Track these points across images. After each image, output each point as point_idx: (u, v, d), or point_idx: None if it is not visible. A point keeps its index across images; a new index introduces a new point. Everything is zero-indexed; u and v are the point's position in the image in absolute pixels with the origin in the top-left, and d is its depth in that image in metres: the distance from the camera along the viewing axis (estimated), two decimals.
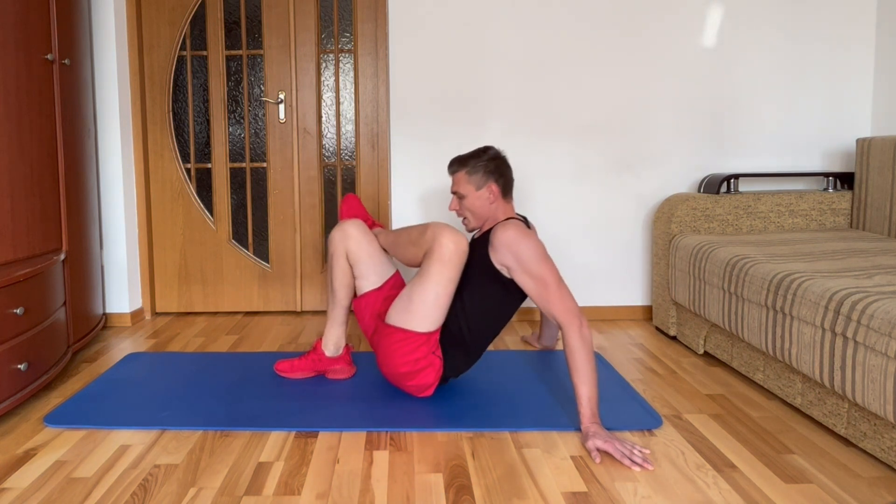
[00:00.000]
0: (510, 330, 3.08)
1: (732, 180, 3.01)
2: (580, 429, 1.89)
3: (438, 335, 2.11)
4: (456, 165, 2.27)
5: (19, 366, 2.05)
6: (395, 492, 1.64)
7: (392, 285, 2.29)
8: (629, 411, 2.08)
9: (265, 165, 3.35)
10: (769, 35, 3.15)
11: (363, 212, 2.41)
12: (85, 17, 2.76)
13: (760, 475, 1.71)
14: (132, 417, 2.05)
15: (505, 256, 2.07)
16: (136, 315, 3.24)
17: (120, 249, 3.14)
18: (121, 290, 3.16)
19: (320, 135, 3.33)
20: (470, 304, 2.13)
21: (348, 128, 3.33)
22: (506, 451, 1.85)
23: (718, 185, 2.97)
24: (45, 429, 2.01)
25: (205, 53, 3.29)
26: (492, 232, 2.11)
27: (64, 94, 2.51)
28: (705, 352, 2.68)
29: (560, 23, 3.13)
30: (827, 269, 2.08)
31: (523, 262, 2.04)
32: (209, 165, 3.36)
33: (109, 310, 3.17)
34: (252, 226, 3.39)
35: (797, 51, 3.16)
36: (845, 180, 3.05)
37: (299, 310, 3.41)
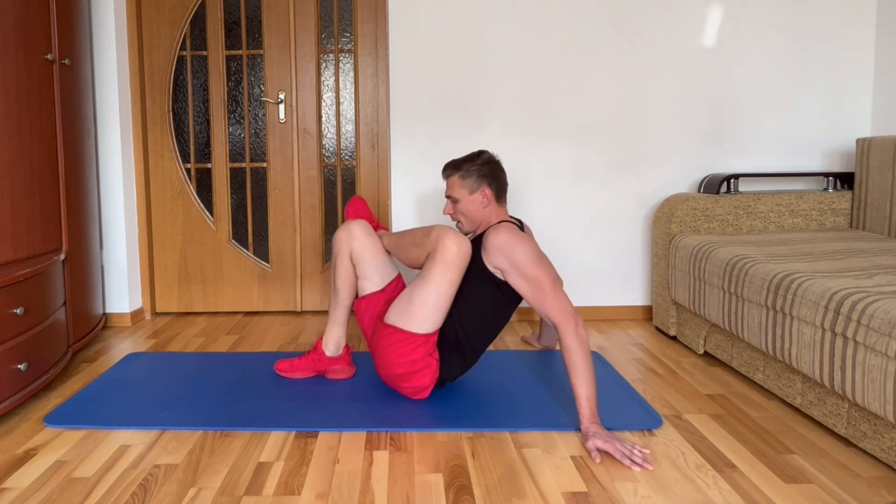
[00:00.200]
0: (510, 330, 3.08)
1: (732, 180, 3.01)
2: (580, 429, 1.89)
3: (436, 337, 2.11)
4: (450, 170, 2.27)
5: (19, 366, 2.05)
6: (395, 492, 1.64)
7: (394, 288, 2.29)
8: (629, 411, 2.08)
9: (265, 165, 3.35)
10: (769, 35, 3.15)
11: (368, 214, 2.42)
12: (85, 17, 2.76)
13: (760, 475, 1.71)
14: (132, 417, 2.05)
15: (498, 259, 2.07)
16: (136, 315, 3.24)
17: (120, 249, 3.14)
18: (121, 290, 3.16)
19: (320, 135, 3.33)
20: (465, 308, 2.14)
21: (348, 128, 3.33)
22: (506, 451, 1.85)
23: (718, 185, 2.97)
24: (45, 429, 2.01)
25: (205, 53, 3.29)
26: (484, 235, 2.12)
27: (64, 94, 2.51)
28: (705, 352, 2.68)
29: (560, 23, 3.13)
30: (827, 269, 2.08)
31: (517, 265, 2.04)
32: (209, 165, 3.36)
33: (109, 310, 3.17)
34: (252, 226, 3.39)
35: (797, 51, 3.16)
36: (845, 180, 3.05)
37: (299, 310, 3.41)
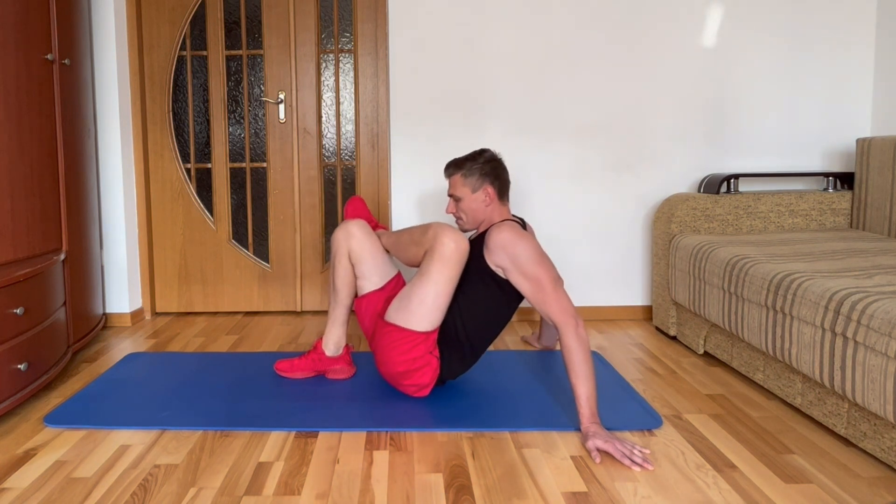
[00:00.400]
0: (510, 330, 3.08)
1: (732, 180, 3.01)
2: (580, 429, 1.89)
3: (436, 335, 2.11)
4: (452, 168, 2.28)
5: (19, 366, 2.05)
6: (395, 492, 1.64)
7: (394, 286, 2.29)
8: (629, 411, 2.08)
9: (265, 165, 3.35)
10: (769, 35, 3.15)
11: (367, 213, 2.42)
12: (85, 17, 2.76)
13: (760, 475, 1.71)
14: (132, 417, 2.05)
15: (500, 258, 2.07)
16: (136, 315, 3.24)
17: (120, 249, 3.14)
18: (121, 290, 3.16)
19: (320, 135, 3.33)
20: (466, 306, 2.14)
21: (348, 128, 3.33)
22: (506, 451, 1.85)
23: (718, 185, 2.97)
24: (45, 429, 2.01)
25: (205, 53, 3.29)
26: (487, 233, 2.12)
27: (64, 94, 2.51)
28: (705, 352, 2.68)
29: (560, 23, 3.13)
30: (827, 269, 2.08)
31: (518, 264, 2.04)
32: (209, 165, 3.36)
33: (109, 310, 3.17)
34: (252, 226, 3.39)
35: (797, 51, 3.16)
36: (845, 180, 3.05)
37: (299, 310, 3.41)
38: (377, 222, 2.44)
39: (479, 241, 2.17)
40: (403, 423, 2.00)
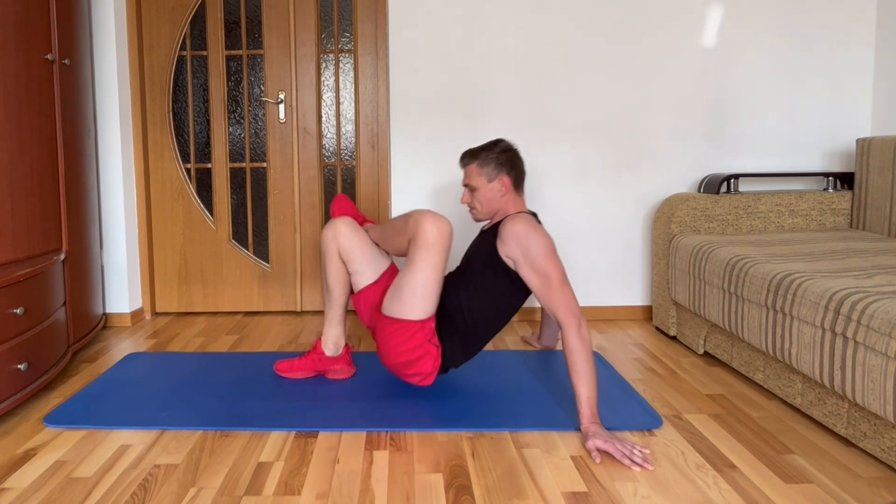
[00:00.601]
0: (510, 330, 3.08)
1: (732, 180, 3.01)
2: (580, 429, 1.89)
3: (433, 322, 2.11)
4: (468, 158, 2.26)
5: (19, 366, 2.05)
6: (395, 492, 1.64)
7: (388, 277, 2.28)
8: (629, 411, 2.08)
9: (265, 165, 3.35)
10: (769, 35, 3.15)
11: (353, 210, 2.42)
12: (85, 17, 2.76)
13: (760, 475, 1.71)
14: (132, 417, 2.05)
15: (512, 249, 2.07)
16: (136, 315, 3.24)
17: (120, 249, 3.14)
18: (121, 290, 3.16)
19: (320, 135, 3.33)
20: (475, 295, 2.14)
21: (348, 128, 3.33)
22: (506, 451, 1.85)
23: (718, 185, 2.97)
24: (45, 429, 2.01)
25: (205, 53, 3.29)
26: (501, 224, 2.12)
27: (64, 94, 2.51)
28: (705, 352, 2.68)
29: (560, 23, 3.12)
30: (827, 269, 2.08)
31: (530, 257, 2.04)
32: (209, 165, 3.36)
33: (109, 310, 3.17)
34: (252, 226, 3.39)
35: (797, 51, 3.16)
36: (845, 180, 3.05)
37: (299, 310, 3.41)
38: (364, 217, 2.44)
39: (493, 232, 2.16)
40: (403, 423, 2.00)
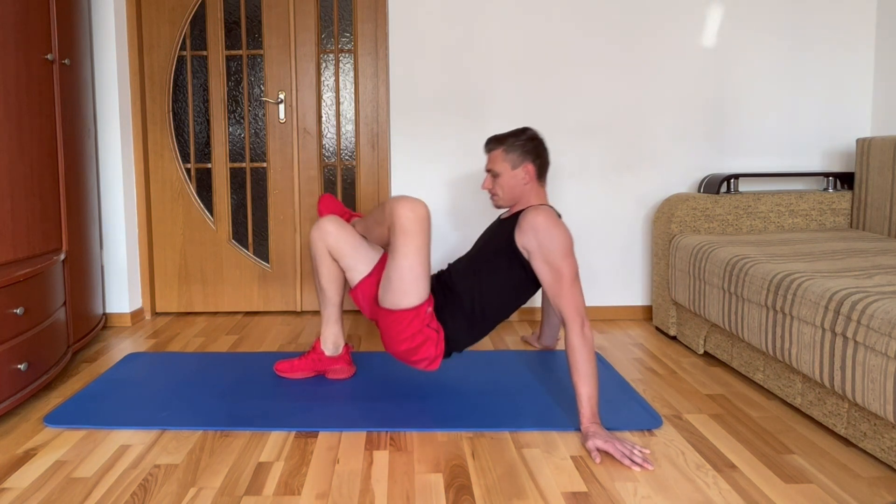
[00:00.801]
0: (510, 330, 3.08)
1: (732, 180, 3.01)
2: (580, 429, 1.89)
3: (428, 307, 2.10)
4: (493, 143, 2.25)
5: (19, 366, 2.05)
6: (395, 492, 1.64)
7: (382, 268, 2.28)
8: (629, 411, 2.08)
9: (265, 165, 3.35)
10: (769, 35, 3.15)
11: (340, 207, 2.42)
12: (85, 17, 2.76)
13: (760, 475, 1.71)
14: (132, 417, 2.05)
15: (529, 240, 2.06)
16: (136, 315, 3.24)
17: (120, 249, 3.14)
18: (121, 290, 3.16)
19: (320, 135, 3.33)
20: (487, 282, 2.13)
21: (348, 128, 3.33)
22: (506, 451, 1.85)
23: (718, 185, 2.97)
24: (45, 429, 2.01)
25: (205, 53, 3.29)
26: (522, 214, 2.10)
27: (64, 94, 2.51)
28: (705, 352, 2.68)
29: (560, 23, 3.13)
30: (827, 269, 2.08)
31: (545, 251, 2.02)
32: (209, 165, 3.36)
33: (109, 310, 3.17)
34: (252, 226, 3.39)
35: (797, 51, 3.16)
36: (845, 180, 3.05)
37: (299, 310, 3.41)
38: (350, 212, 2.44)
39: (512, 221, 2.15)
40: (403, 423, 2.00)
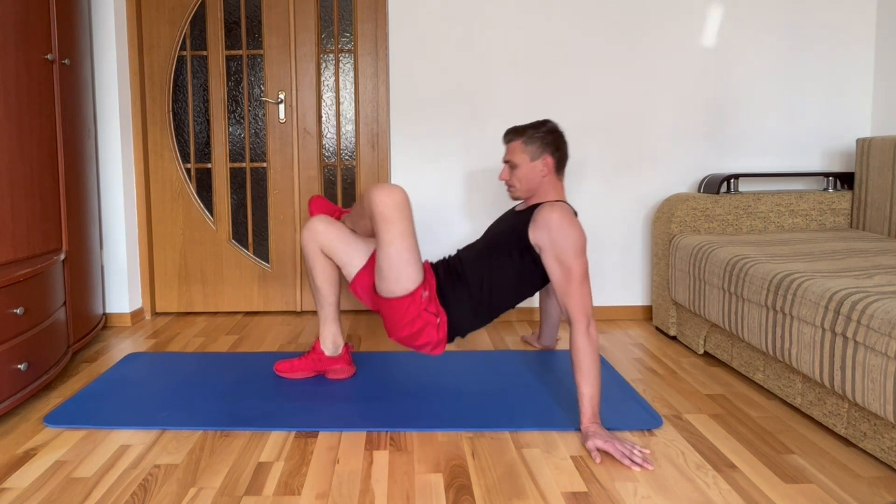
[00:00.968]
0: (510, 330, 3.08)
1: (732, 180, 3.01)
2: (580, 429, 1.89)
3: (424, 291, 2.10)
4: (512, 134, 2.25)
5: (19, 366, 2.05)
6: (395, 492, 1.64)
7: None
8: (629, 411, 2.08)
9: (265, 165, 3.35)
10: (769, 35, 3.15)
11: (329, 206, 2.43)
12: (85, 17, 2.76)
13: (760, 475, 1.71)
14: (132, 417, 2.05)
15: (542, 236, 2.04)
16: (136, 315, 3.24)
17: (120, 249, 3.14)
18: (121, 290, 3.16)
19: (320, 135, 3.33)
20: (497, 270, 2.13)
21: (348, 128, 3.33)
22: (506, 451, 1.85)
23: (718, 185, 2.97)
24: (45, 429, 2.01)
25: (205, 53, 3.29)
26: (537, 209, 2.09)
27: (64, 94, 2.51)
28: (705, 352, 2.68)
29: (560, 23, 3.13)
30: (827, 269, 2.08)
31: (558, 248, 2.01)
32: (209, 165, 3.36)
33: (109, 310, 3.17)
34: (252, 226, 3.39)
35: (797, 51, 3.16)
36: (845, 180, 3.05)
37: (299, 310, 3.41)
38: (340, 210, 2.44)
39: (527, 214, 2.14)
40: (403, 423, 2.00)
